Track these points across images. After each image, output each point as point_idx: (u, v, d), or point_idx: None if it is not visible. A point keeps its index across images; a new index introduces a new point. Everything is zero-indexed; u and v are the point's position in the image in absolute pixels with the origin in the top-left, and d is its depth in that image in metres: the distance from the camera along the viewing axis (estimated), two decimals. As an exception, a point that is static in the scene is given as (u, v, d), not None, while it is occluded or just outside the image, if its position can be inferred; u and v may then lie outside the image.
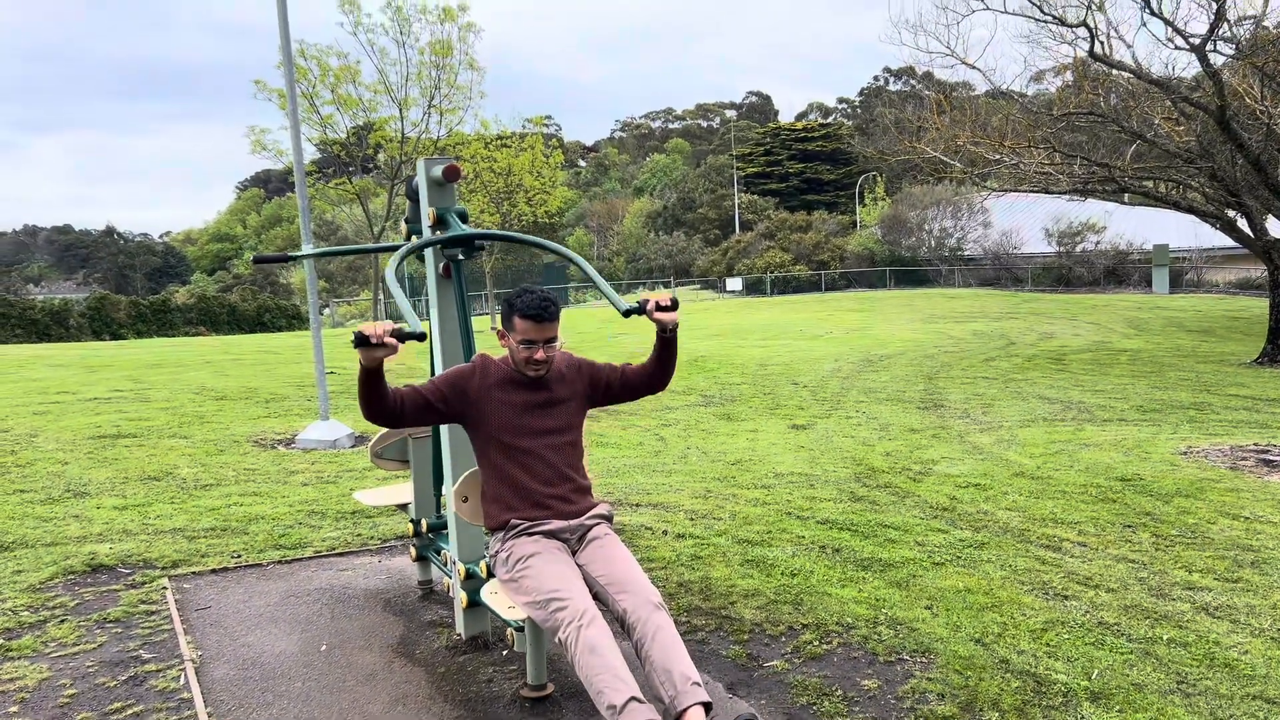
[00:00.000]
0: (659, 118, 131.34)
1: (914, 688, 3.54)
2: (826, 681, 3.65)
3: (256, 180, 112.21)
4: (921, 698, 3.46)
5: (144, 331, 31.80)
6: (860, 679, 3.66)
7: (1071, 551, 5.29)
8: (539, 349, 3.35)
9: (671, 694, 2.91)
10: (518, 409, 3.39)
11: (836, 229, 49.78)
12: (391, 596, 4.84)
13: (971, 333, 23.11)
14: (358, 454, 8.59)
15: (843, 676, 3.69)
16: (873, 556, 5.13)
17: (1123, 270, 36.50)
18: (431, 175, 3.96)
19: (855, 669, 3.74)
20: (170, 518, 6.29)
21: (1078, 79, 18.67)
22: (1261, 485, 6.89)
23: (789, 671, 3.74)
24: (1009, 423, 10.60)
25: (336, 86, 14.67)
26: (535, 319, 3.34)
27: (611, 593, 3.14)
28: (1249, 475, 7.27)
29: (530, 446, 3.38)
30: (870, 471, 7.61)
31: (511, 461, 3.38)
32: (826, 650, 3.91)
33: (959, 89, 27.47)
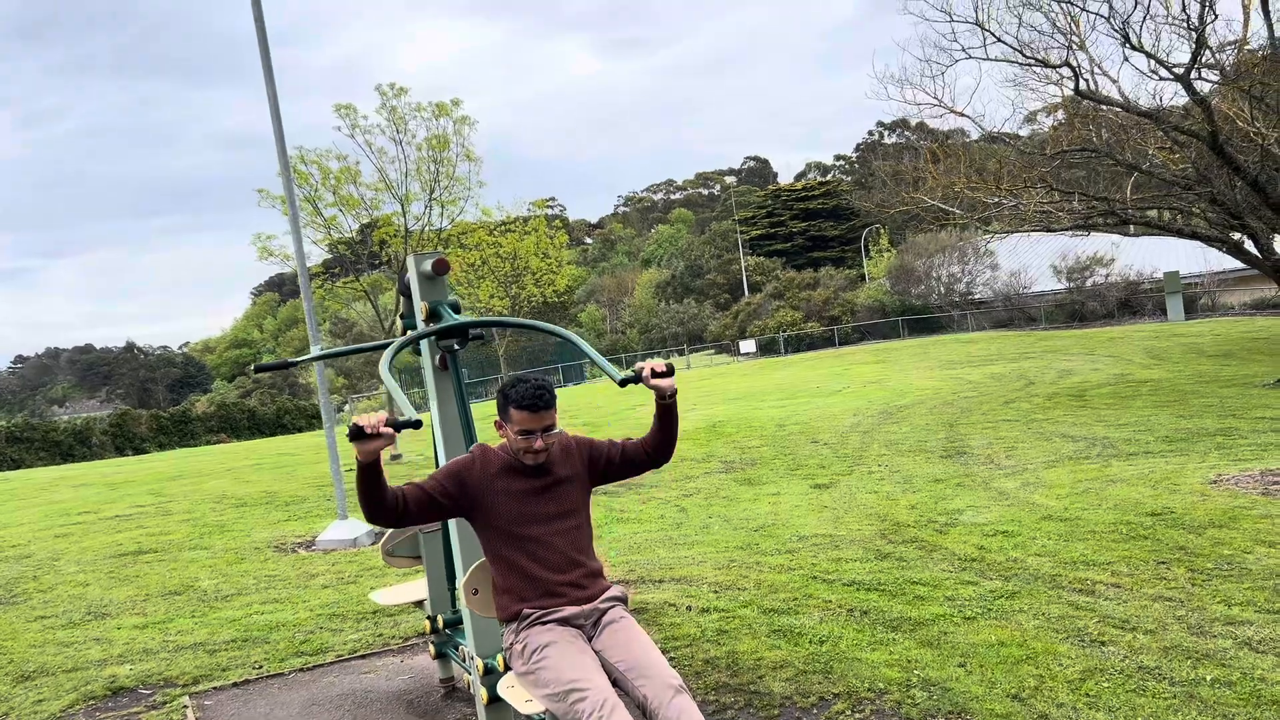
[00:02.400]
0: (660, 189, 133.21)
1: (952, 753, 3.42)
2: (861, 753, 3.53)
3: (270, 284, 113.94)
4: (960, 763, 3.34)
5: (166, 443, 32.01)
6: (896, 747, 3.54)
7: (1105, 594, 5.15)
8: (537, 438, 3.32)
9: None
10: (521, 496, 3.35)
11: (845, 283, 49.91)
12: (414, 697, 4.75)
13: (989, 376, 22.95)
14: (377, 551, 8.52)
15: (878, 746, 3.57)
16: (902, 616, 5.02)
17: (1136, 301, 36.33)
18: (421, 270, 3.99)
19: (890, 737, 3.63)
20: (191, 632, 6.23)
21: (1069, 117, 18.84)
22: (1296, 509, 6.73)
23: (822, 745, 3.63)
24: (1033, 465, 10.45)
25: (338, 188, 14.98)
26: (531, 409, 3.30)
27: (630, 679, 3.06)
28: (1282, 499, 7.11)
29: (537, 534, 3.33)
30: (895, 527, 7.49)
31: (519, 551, 3.33)
32: (860, 719, 3.80)
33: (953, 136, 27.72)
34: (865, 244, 66.13)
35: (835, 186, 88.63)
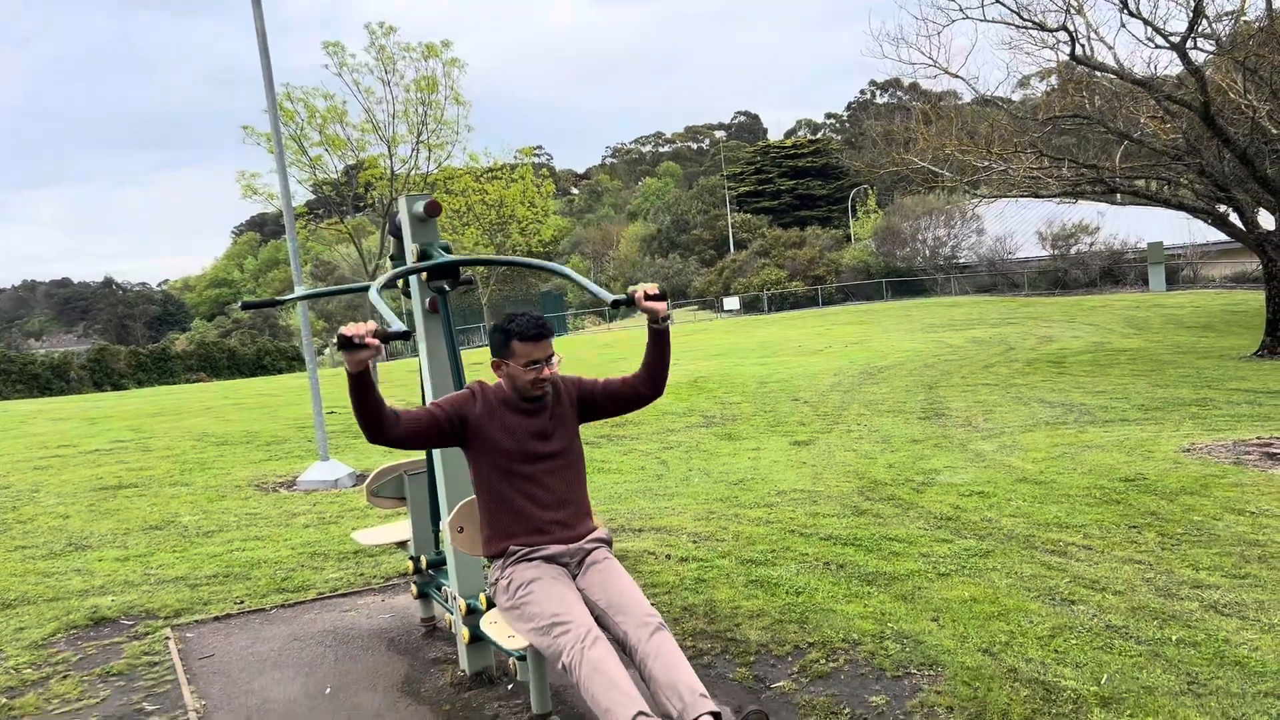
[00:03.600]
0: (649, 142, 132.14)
1: (922, 701, 3.51)
2: (834, 700, 3.61)
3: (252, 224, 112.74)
4: (930, 711, 3.43)
5: (145, 380, 31.82)
6: (868, 695, 3.62)
7: (1077, 555, 5.26)
8: (544, 367, 3.35)
9: (679, 707, 2.88)
10: (518, 435, 3.37)
11: (831, 244, 49.91)
12: (395, 635, 4.81)
13: (970, 340, 23.09)
14: (358, 493, 8.56)
15: (850, 694, 3.65)
16: (877, 570, 5.10)
17: (1119, 270, 36.54)
18: (413, 211, 3.97)
19: (863, 686, 3.71)
20: (172, 566, 6.26)
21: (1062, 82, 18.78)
22: (1266, 479, 6.86)
23: (796, 692, 3.71)
24: (1011, 429, 10.57)
25: (324, 127, 14.76)
26: (535, 339, 3.33)
27: (610, 615, 3.12)
28: (1253, 469, 7.24)
29: (531, 472, 3.37)
30: (873, 485, 7.58)
31: (512, 488, 3.36)
32: (833, 668, 3.88)
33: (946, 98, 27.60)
34: (852, 204, 66.01)
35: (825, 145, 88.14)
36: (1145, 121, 17.31)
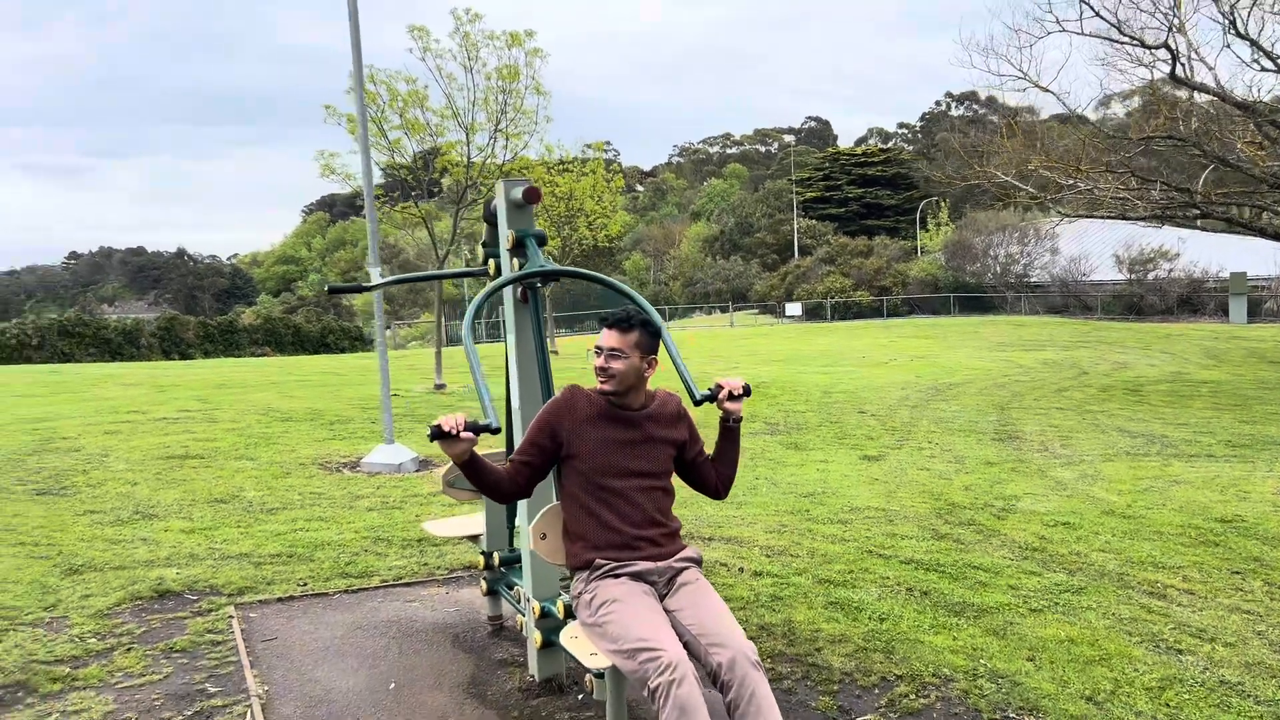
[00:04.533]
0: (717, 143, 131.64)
1: (1025, 751, 3.27)
2: (927, 740, 3.39)
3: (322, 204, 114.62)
4: (1035, 763, 3.19)
5: (211, 351, 32.40)
6: (964, 739, 3.40)
7: (1178, 600, 4.95)
8: (602, 357, 3.22)
9: None
10: (611, 446, 3.22)
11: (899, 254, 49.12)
12: (460, 631, 4.68)
13: (1041, 361, 22.50)
14: (422, 479, 8.49)
15: (945, 735, 3.43)
16: (964, 601, 4.85)
17: (1197, 299, 35.41)
18: (511, 197, 3.83)
19: (957, 727, 3.48)
20: (236, 542, 6.22)
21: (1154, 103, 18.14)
22: (1377, 530, 6.45)
23: (884, 728, 3.49)
24: (1090, 457, 10.17)
25: (404, 111, 14.76)
26: (608, 325, 3.27)
27: (704, 644, 2.93)
28: (1361, 519, 6.82)
29: (620, 487, 3.21)
30: (950, 507, 7.30)
31: (599, 500, 3.21)
32: (924, 705, 3.66)
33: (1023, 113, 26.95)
34: (922, 216, 65.00)
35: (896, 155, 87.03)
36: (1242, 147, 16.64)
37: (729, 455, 3.45)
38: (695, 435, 3.42)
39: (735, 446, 3.46)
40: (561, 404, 3.28)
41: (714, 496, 3.49)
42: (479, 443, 3.10)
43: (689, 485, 3.47)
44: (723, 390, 3.36)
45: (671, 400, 3.40)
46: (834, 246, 51.87)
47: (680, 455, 3.39)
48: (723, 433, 3.44)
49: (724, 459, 3.45)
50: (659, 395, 3.37)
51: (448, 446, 3.02)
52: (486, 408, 3.16)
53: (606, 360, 3.23)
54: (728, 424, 3.43)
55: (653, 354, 3.26)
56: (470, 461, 3.10)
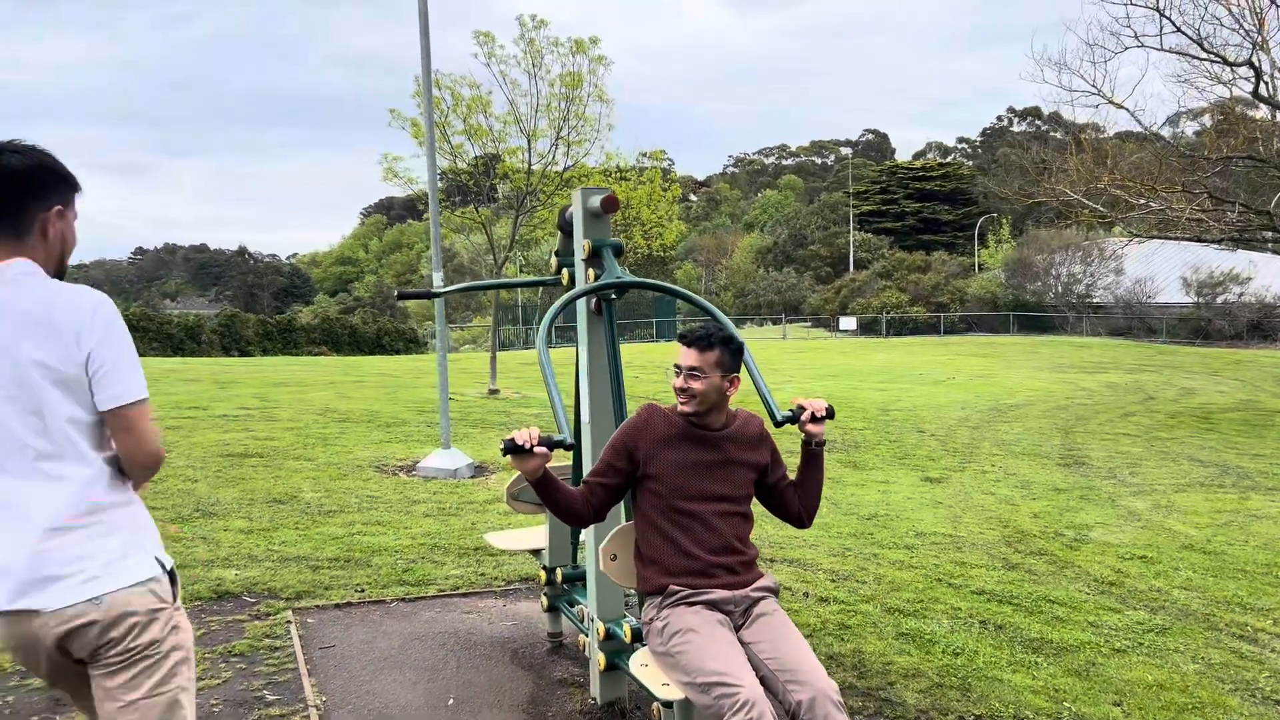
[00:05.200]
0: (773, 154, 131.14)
1: (1119, 806, 3.08)
2: (1011, 789, 3.21)
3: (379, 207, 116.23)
4: (1130, 820, 3.00)
5: (269, 349, 32.89)
6: (1051, 789, 3.21)
7: (1271, 645, 4.70)
8: (681, 376, 3.09)
9: None
10: (689, 469, 3.10)
11: (957, 270, 48.35)
12: (519, 647, 4.58)
13: (1105, 385, 21.93)
14: (478, 485, 8.44)
15: (1030, 784, 3.24)
16: (1042, 637, 4.65)
17: (1269, 324, 34.33)
18: (589, 206, 3.73)
19: (1043, 775, 3.30)
20: (295, 544, 6.20)
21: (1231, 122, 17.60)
22: None
23: (965, 772, 3.32)
24: (1162, 486, 9.83)
25: (468, 116, 14.80)
26: (686, 344, 3.14)
27: (783, 680, 2.79)
28: None
29: (698, 511, 3.08)
30: (1020, 535, 7.06)
31: (675, 524, 3.09)
32: (1006, 749, 3.47)
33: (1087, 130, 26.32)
34: (981, 232, 64.00)
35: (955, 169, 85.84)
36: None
37: (813, 481, 3.30)
38: (778, 459, 3.28)
39: (819, 472, 3.31)
40: (639, 424, 3.16)
41: (797, 525, 3.34)
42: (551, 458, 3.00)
43: (771, 511, 3.33)
44: (805, 412, 3.22)
45: (754, 421, 3.26)
46: (890, 261, 51.25)
47: (761, 479, 3.25)
48: (805, 457, 3.30)
49: (807, 486, 3.29)
50: (740, 415, 3.24)
51: (520, 462, 2.92)
52: (561, 422, 3.06)
53: (686, 380, 3.10)
54: (810, 447, 3.28)
55: (734, 372, 3.14)
56: (543, 479, 2.99)
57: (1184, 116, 22.91)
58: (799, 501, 3.30)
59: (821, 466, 3.32)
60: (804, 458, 3.30)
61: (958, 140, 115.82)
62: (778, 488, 3.29)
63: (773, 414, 3.29)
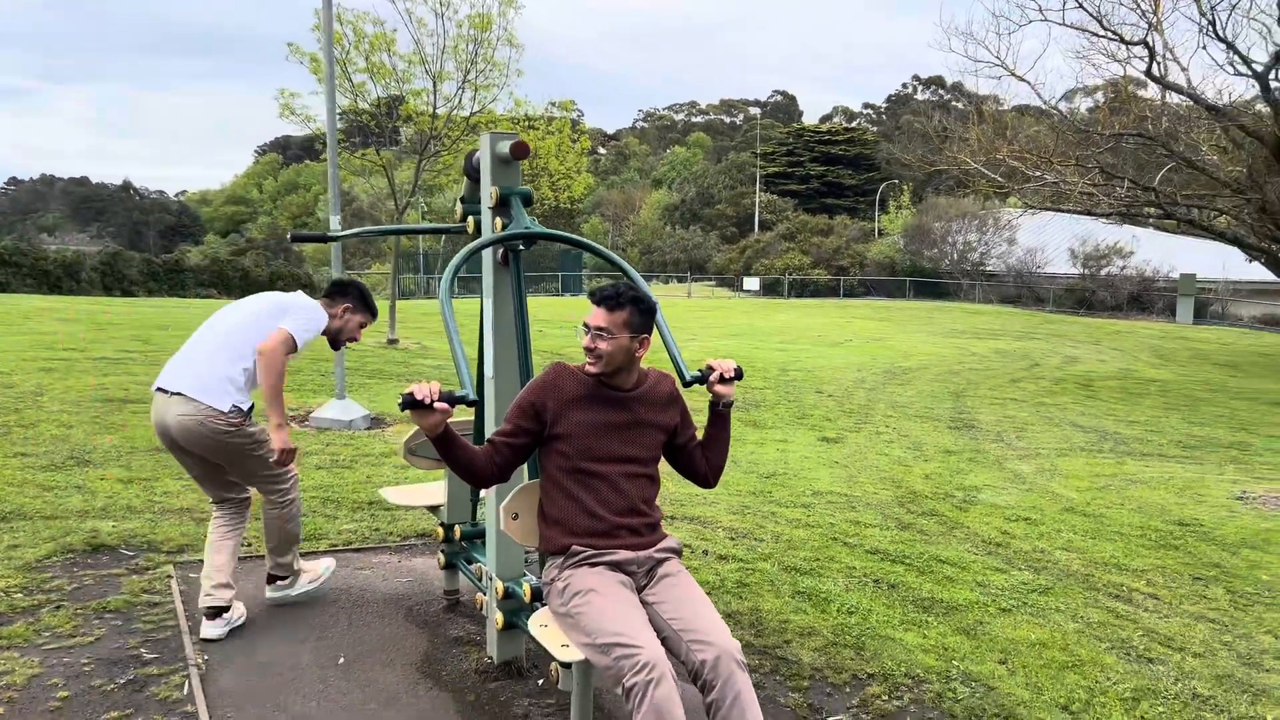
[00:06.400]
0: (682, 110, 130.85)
1: (1003, 762, 3.17)
2: (902, 746, 3.28)
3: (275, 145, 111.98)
4: (1014, 776, 3.09)
5: (155, 290, 31.43)
6: (940, 746, 3.28)
7: (1144, 605, 4.91)
8: (589, 335, 3.02)
9: None
10: (598, 429, 3.03)
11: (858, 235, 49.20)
12: (414, 604, 4.47)
13: (994, 351, 22.67)
14: (374, 437, 8.23)
15: (920, 741, 3.31)
16: (932, 597, 4.76)
17: (1147, 297, 35.98)
18: (497, 152, 3.58)
19: (933, 733, 3.37)
20: (177, 496, 5.93)
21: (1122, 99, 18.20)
22: (1331, 541, 6.49)
23: (857, 729, 3.37)
24: (1046, 450, 10.21)
25: (371, 54, 14.24)
26: (595, 301, 3.06)
27: (686, 640, 2.76)
28: (1314, 529, 6.88)
29: (605, 472, 3.02)
30: (912, 496, 7.23)
31: (581, 485, 3.02)
32: (898, 707, 3.54)
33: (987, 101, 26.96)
34: (882, 198, 65.21)
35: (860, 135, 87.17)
36: (1207, 150, 16.79)
37: (720, 442, 3.27)
38: (688, 420, 3.24)
39: (726, 432, 3.28)
40: (547, 382, 3.07)
41: (703, 485, 3.31)
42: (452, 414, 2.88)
43: (678, 472, 3.29)
44: (714, 372, 3.17)
45: (665, 381, 3.20)
46: (794, 223, 51.81)
47: (670, 440, 3.21)
48: (713, 418, 3.26)
49: (714, 446, 3.26)
50: (651, 376, 3.18)
51: (420, 417, 2.81)
52: (464, 378, 2.94)
53: (594, 339, 3.01)
54: (718, 408, 3.25)
55: (645, 333, 3.06)
56: (444, 436, 2.88)
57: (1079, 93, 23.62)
58: (706, 461, 3.27)
59: (728, 427, 3.29)
60: (711, 418, 3.27)
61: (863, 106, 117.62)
62: (686, 448, 3.25)
63: (682, 374, 3.24)
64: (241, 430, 3.98)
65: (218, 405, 3.91)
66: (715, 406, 3.24)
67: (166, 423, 3.94)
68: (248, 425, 4.03)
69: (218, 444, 3.94)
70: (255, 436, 4.05)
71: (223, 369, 3.99)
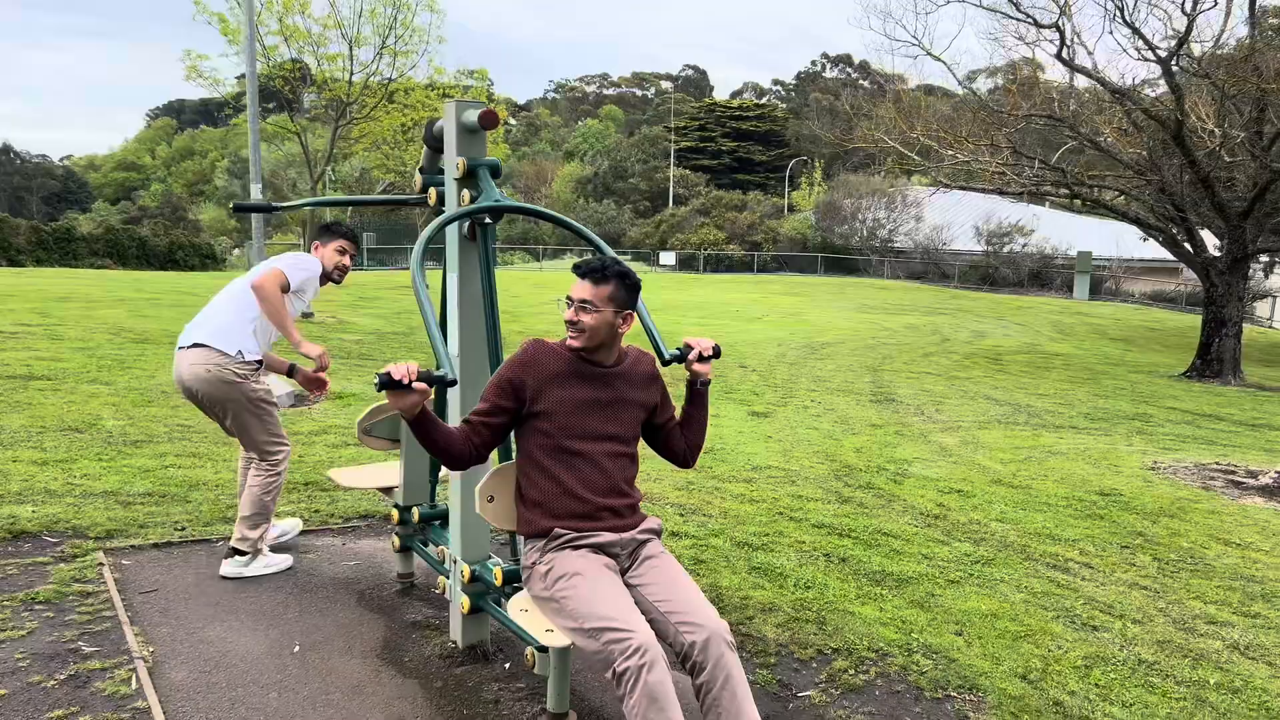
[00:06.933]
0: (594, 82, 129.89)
1: (974, 733, 3.23)
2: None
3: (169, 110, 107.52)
4: (986, 746, 3.15)
5: (45, 260, 29.88)
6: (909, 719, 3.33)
7: (1080, 574, 5.08)
8: (572, 308, 2.95)
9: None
10: (579, 407, 2.96)
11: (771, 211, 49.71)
12: (365, 588, 4.34)
13: (906, 326, 23.22)
14: (300, 415, 7.97)
15: (889, 714, 3.36)
16: (882, 570, 4.83)
17: (1046, 274, 37.30)
18: (464, 120, 3.45)
19: (901, 706, 3.42)
20: (99, 478, 5.64)
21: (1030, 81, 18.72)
22: (1240, 509, 6.83)
23: (828, 705, 3.40)
24: (966, 423, 10.49)
25: (284, 16, 13.69)
26: (580, 274, 2.98)
27: (674, 622, 2.73)
28: (1222, 496, 7.23)
29: (587, 451, 2.96)
30: (847, 470, 7.34)
31: (563, 464, 2.95)
32: (865, 681, 3.58)
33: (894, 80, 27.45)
34: (791, 174, 65.96)
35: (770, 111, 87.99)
36: (1109, 133, 17.40)
37: (698, 421, 3.25)
38: (667, 399, 3.20)
39: (704, 412, 3.25)
40: (526, 359, 2.99)
41: (681, 465, 3.29)
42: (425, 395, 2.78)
43: (656, 451, 3.25)
44: (693, 350, 3.15)
45: (645, 359, 3.16)
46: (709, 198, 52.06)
47: (650, 420, 3.16)
48: (691, 397, 3.23)
49: (693, 425, 3.24)
50: (632, 353, 3.12)
51: (397, 399, 2.70)
52: (441, 357, 2.83)
53: (577, 313, 2.95)
54: (695, 386, 3.22)
55: (630, 308, 3.01)
56: (421, 417, 2.79)
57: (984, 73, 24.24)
58: (685, 440, 3.24)
59: (707, 406, 3.27)
60: (690, 396, 3.24)
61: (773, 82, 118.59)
62: (665, 428, 3.21)
63: (661, 353, 3.19)
64: (248, 381, 4.27)
65: (225, 349, 4.23)
66: (693, 385, 3.22)
67: (183, 376, 4.26)
68: (255, 379, 4.31)
69: (224, 392, 4.22)
70: (260, 395, 4.32)
71: (230, 318, 4.32)
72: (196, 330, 4.34)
